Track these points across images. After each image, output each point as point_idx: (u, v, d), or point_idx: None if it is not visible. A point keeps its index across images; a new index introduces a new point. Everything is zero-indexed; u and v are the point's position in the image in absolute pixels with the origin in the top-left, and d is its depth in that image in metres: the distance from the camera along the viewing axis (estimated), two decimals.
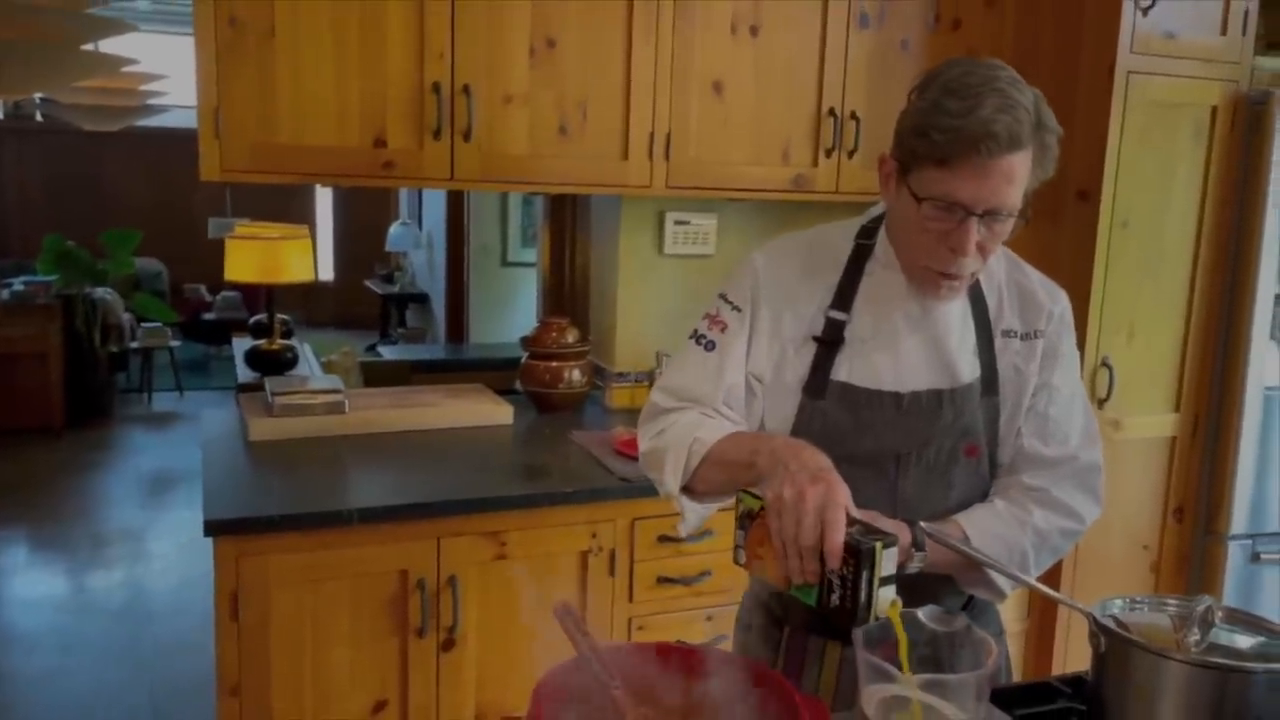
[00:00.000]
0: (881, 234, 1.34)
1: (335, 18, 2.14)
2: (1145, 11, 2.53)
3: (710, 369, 1.34)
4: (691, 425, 1.30)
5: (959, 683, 1.05)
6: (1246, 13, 2.63)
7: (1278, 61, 2.79)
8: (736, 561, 1.20)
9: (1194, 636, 1.14)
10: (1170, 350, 2.75)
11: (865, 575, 1.06)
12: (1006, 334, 1.37)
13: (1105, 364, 2.66)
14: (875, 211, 1.39)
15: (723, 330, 1.35)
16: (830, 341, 1.32)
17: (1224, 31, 2.63)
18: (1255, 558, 2.80)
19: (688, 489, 1.30)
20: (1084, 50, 2.61)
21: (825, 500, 1.06)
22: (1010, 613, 2.68)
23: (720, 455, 1.25)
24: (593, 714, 1.05)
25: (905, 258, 1.29)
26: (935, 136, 1.15)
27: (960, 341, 1.34)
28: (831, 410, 1.32)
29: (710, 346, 1.35)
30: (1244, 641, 1.17)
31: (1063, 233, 2.67)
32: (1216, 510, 2.80)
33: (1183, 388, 2.77)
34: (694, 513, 1.32)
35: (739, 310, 1.35)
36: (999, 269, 1.40)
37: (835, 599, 1.09)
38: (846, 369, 1.32)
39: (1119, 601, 1.22)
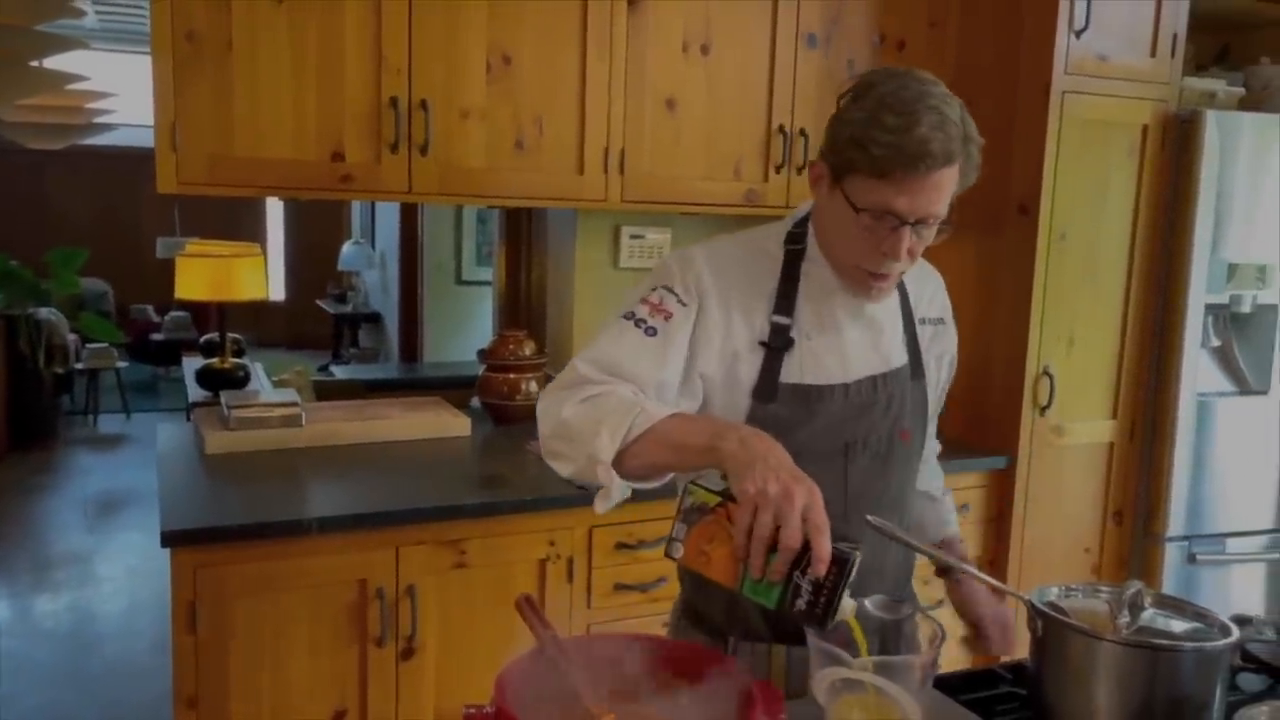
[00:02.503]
0: (810, 234, 1.37)
1: (293, 33, 2.17)
2: (1079, 34, 2.63)
3: (650, 353, 1.29)
4: (634, 398, 1.24)
5: (904, 664, 1.09)
6: (1175, 36, 2.75)
7: (1206, 82, 2.92)
8: (670, 555, 1.14)
9: (1125, 619, 1.20)
10: (1108, 358, 2.84)
11: (843, 583, 1.04)
12: (922, 322, 1.47)
13: (1046, 372, 2.74)
14: (799, 214, 1.41)
15: (666, 319, 1.31)
16: (778, 347, 1.34)
17: (1154, 53, 2.74)
18: (1191, 559, 2.90)
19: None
20: (1022, 71, 2.71)
21: (811, 501, 1.04)
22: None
23: (667, 434, 1.18)
24: (555, 702, 1.08)
25: (836, 258, 1.32)
26: (874, 150, 1.18)
27: (893, 328, 1.42)
28: (783, 411, 1.34)
29: (651, 332, 1.30)
30: (1176, 625, 1.24)
31: (1004, 245, 2.77)
32: (1154, 513, 2.89)
33: (1120, 395, 2.86)
34: (619, 489, 1.21)
35: (685, 305, 1.33)
36: None
37: (802, 603, 1.05)
38: (797, 370, 1.34)
39: (1055, 589, 1.28)
